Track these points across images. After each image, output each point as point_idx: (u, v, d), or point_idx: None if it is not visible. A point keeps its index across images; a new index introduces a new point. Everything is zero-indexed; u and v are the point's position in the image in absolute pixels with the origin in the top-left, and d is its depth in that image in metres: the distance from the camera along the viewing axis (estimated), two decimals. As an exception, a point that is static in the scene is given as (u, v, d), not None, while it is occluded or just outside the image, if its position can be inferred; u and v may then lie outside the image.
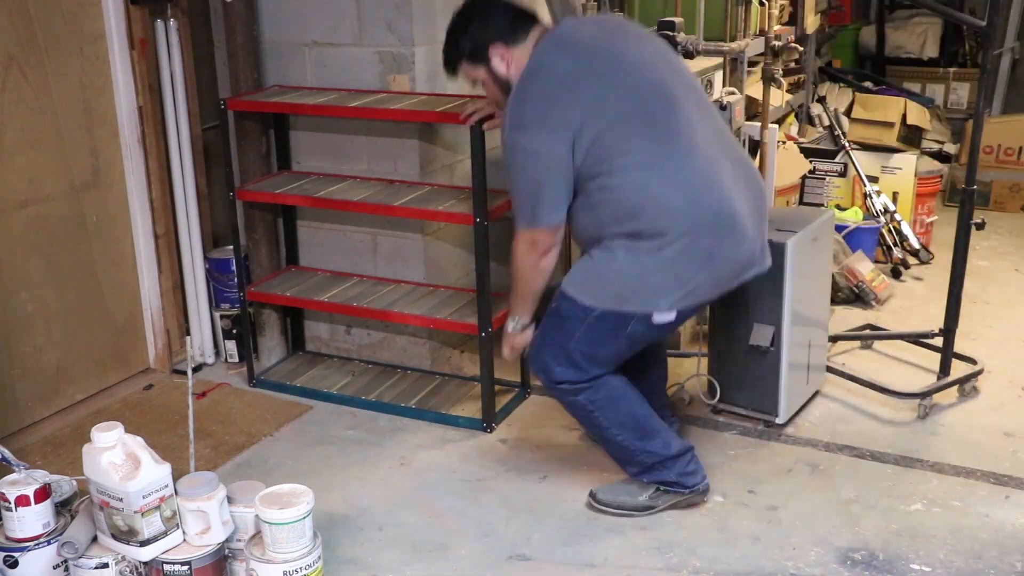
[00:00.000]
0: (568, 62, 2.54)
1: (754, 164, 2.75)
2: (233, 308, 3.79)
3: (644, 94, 2.53)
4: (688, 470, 2.80)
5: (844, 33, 7.35)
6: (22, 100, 3.19)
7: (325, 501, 2.82)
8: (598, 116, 2.48)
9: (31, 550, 2.33)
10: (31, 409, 3.35)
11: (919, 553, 2.62)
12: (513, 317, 2.82)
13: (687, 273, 2.54)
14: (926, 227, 4.99)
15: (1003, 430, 3.25)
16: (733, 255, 2.58)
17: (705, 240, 2.51)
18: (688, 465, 2.80)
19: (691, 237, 2.50)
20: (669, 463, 2.77)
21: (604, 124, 2.48)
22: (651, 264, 2.53)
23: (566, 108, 2.48)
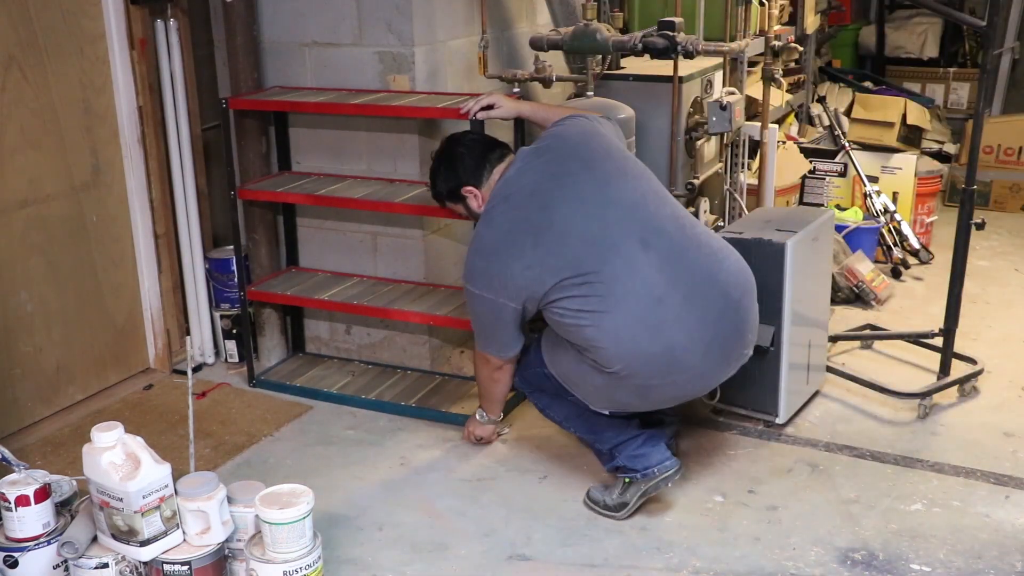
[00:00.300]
0: (507, 223, 2.71)
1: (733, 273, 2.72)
2: (233, 308, 3.79)
3: (575, 251, 2.61)
4: (637, 452, 2.78)
5: (844, 33, 7.36)
6: (22, 100, 3.19)
7: (325, 501, 2.81)
8: (533, 280, 2.64)
9: (31, 550, 2.33)
10: (31, 409, 3.35)
11: (919, 553, 2.62)
12: (480, 410, 3.13)
13: (619, 398, 2.73)
14: (926, 227, 5.00)
15: (1003, 430, 3.25)
16: (674, 388, 2.68)
17: (639, 379, 2.63)
18: (639, 448, 2.79)
19: (626, 375, 2.62)
20: (620, 448, 2.81)
21: (540, 287, 2.63)
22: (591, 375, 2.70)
23: (503, 274, 2.67)
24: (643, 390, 2.67)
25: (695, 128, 3.70)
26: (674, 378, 2.64)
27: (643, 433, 2.82)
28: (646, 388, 2.66)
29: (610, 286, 2.57)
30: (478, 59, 3.55)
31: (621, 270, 2.59)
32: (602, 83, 3.61)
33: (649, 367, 2.60)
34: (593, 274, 2.58)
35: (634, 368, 2.60)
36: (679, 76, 3.56)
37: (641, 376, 2.62)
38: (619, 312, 2.57)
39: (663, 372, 2.62)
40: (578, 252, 2.61)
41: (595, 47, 3.44)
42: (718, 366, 2.71)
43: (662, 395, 2.71)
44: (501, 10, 3.84)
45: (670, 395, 2.73)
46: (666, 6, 4.09)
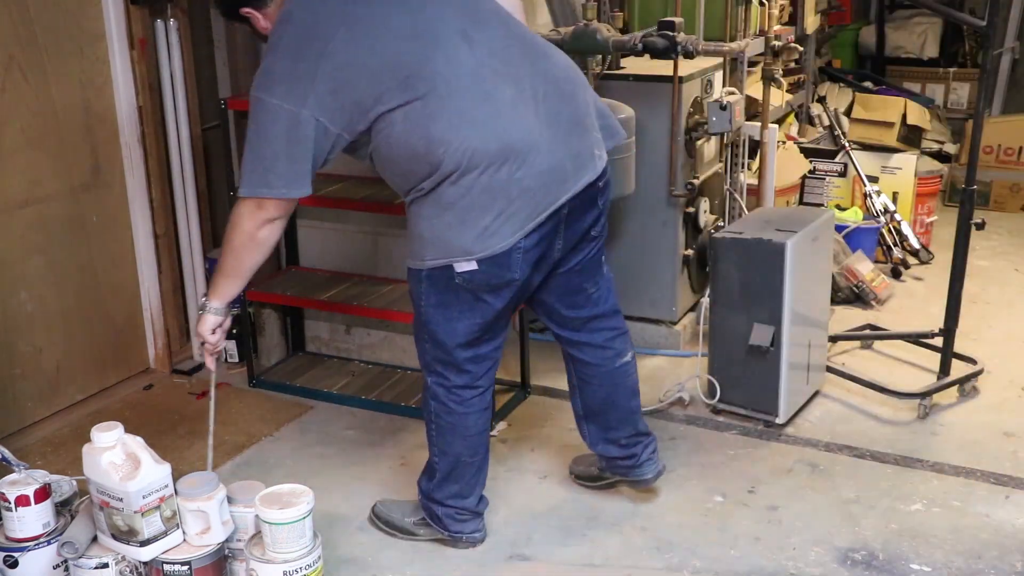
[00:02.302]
0: (310, 17, 2.30)
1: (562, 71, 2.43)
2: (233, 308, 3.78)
3: (394, 48, 2.28)
4: (459, 518, 2.66)
5: (844, 33, 7.35)
6: (22, 100, 3.19)
7: (325, 501, 2.81)
8: (345, 84, 2.27)
9: (31, 550, 2.33)
10: (31, 409, 3.35)
11: (919, 553, 2.62)
12: (207, 298, 2.54)
13: (470, 217, 2.32)
14: (926, 227, 5.00)
15: (1003, 430, 3.25)
16: (522, 188, 2.32)
17: (481, 181, 2.29)
18: (461, 515, 2.66)
19: (463, 181, 2.29)
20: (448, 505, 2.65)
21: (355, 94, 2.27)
22: (434, 213, 2.34)
23: (311, 76, 2.25)
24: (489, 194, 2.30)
25: (695, 128, 3.70)
26: (520, 172, 2.30)
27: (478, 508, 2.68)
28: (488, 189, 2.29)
29: (433, 84, 2.26)
30: (478, 59, 3.54)
31: (443, 67, 2.27)
32: (602, 83, 3.61)
33: (489, 159, 2.27)
34: (414, 76, 2.25)
35: (475, 162, 2.27)
36: (679, 76, 3.56)
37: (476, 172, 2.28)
38: (445, 114, 2.26)
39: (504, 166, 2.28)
40: (397, 48, 2.27)
41: (595, 47, 3.44)
42: (568, 160, 2.37)
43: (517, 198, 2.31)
44: (501, 10, 3.84)
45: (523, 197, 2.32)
46: (666, 6, 4.09)
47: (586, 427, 2.82)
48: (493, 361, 2.58)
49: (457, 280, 2.37)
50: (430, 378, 2.58)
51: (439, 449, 2.61)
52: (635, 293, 3.90)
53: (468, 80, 2.30)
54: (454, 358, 2.51)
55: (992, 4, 3.12)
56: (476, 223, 2.31)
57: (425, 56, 2.28)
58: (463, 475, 2.63)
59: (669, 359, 3.83)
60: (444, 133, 2.26)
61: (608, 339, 2.71)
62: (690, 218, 3.83)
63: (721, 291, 3.27)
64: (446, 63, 2.29)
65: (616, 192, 3.41)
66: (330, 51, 2.25)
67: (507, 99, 2.32)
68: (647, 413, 3.37)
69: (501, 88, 2.32)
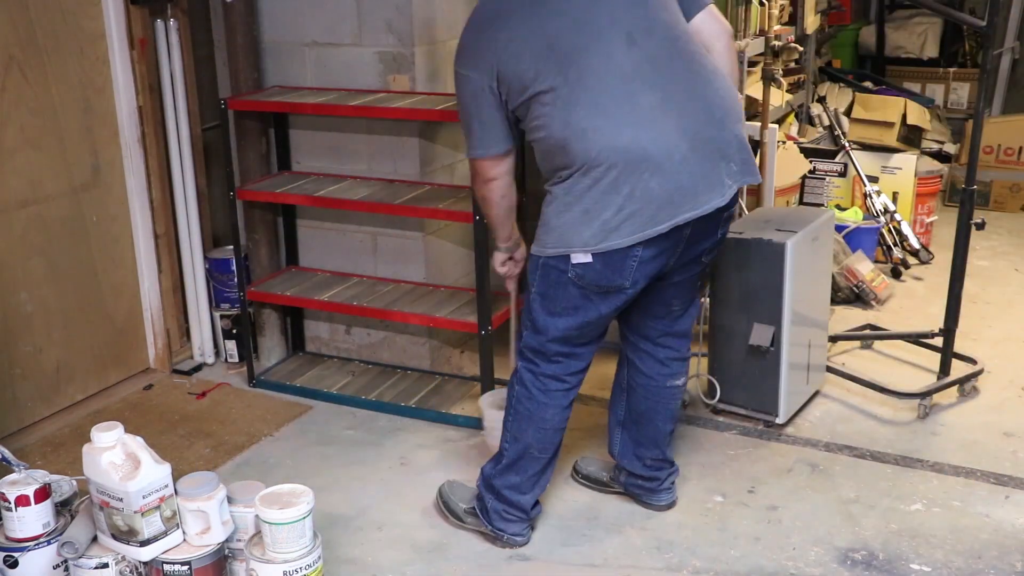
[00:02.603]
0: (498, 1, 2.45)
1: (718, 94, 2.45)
2: (233, 308, 3.79)
3: (559, 29, 2.36)
4: (508, 516, 2.68)
5: (844, 33, 7.35)
6: (22, 100, 3.19)
7: (325, 501, 2.82)
8: (513, 56, 2.38)
9: (31, 550, 2.33)
10: (31, 409, 3.35)
11: (919, 553, 2.62)
12: (495, 247, 2.82)
13: (594, 209, 2.36)
14: (926, 227, 5.00)
15: (1003, 430, 3.25)
16: (647, 192, 2.34)
17: (609, 176, 2.33)
18: (510, 514, 2.68)
19: (592, 173, 2.35)
20: (503, 497, 2.67)
21: (517, 65, 2.38)
22: (564, 203, 2.41)
23: (489, 47, 2.42)
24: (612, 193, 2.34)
25: (695, 128, 3.69)
26: (648, 178, 2.33)
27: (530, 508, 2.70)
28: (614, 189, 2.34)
29: (581, 75, 2.34)
30: (478, 59, 3.55)
31: (596, 61, 2.35)
32: (602, 83, 3.60)
33: (619, 158, 2.32)
34: (568, 63, 2.34)
35: (604, 157, 2.32)
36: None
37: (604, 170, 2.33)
38: (585, 106, 2.34)
39: (627, 167, 2.32)
40: (560, 33, 2.36)
41: (595, 47, 3.43)
42: (700, 180, 2.38)
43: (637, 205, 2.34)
44: (501, 10, 3.84)
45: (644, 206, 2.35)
46: (666, 6, 4.09)
47: (619, 436, 2.84)
48: (586, 363, 2.63)
49: (570, 274, 2.43)
50: (521, 362, 2.63)
51: (512, 435, 2.64)
52: (635, 293, 3.90)
53: (617, 80, 2.35)
54: (547, 349, 2.56)
55: (992, 4, 3.13)
56: (598, 216, 2.36)
57: (583, 47, 2.35)
58: (527, 468, 2.65)
59: (669, 359, 3.82)
60: (581, 123, 2.34)
61: (669, 357, 2.75)
62: (690, 218, 3.82)
63: (721, 291, 3.27)
64: (600, 58, 2.35)
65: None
66: (507, 26, 2.39)
67: (649, 105, 2.36)
68: (647, 413, 3.38)
69: (647, 94, 2.36)
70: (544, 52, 2.36)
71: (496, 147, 2.50)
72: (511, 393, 2.66)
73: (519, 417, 2.63)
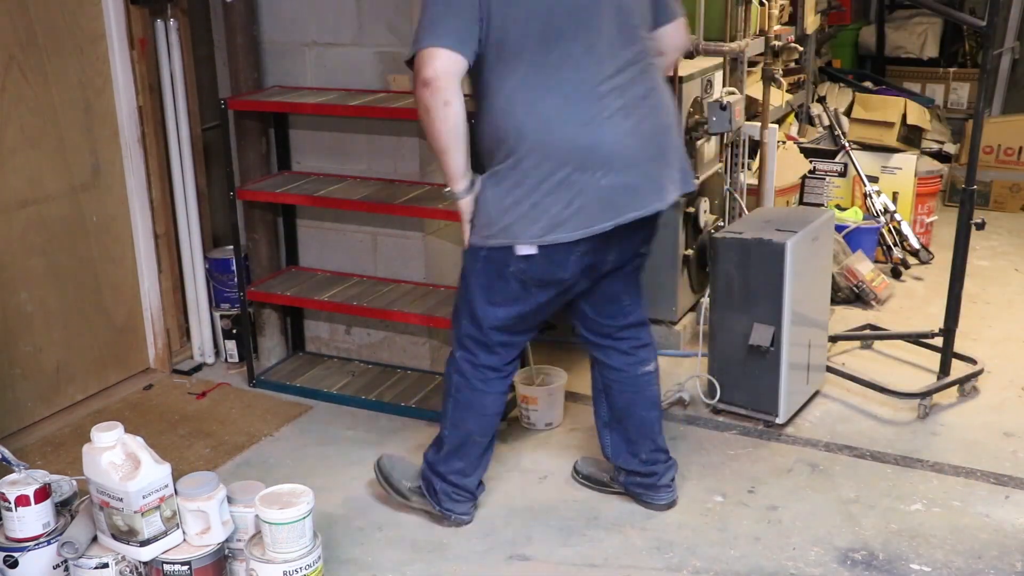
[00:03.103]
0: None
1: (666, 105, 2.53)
2: (233, 308, 3.79)
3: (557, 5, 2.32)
4: (456, 497, 2.74)
5: (844, 33, 7.35)
6: (22, 100, 3.19)
7: (325, 501, 2.82)
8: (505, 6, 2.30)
9: (31, 550, 2.33)
10: (31, 409, 3.35)
11: (919, 553, 2.62)
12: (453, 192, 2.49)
13: (544, 203, 2.35)
14: (926, 227, 5.00)
15: (1003, 430, 3.25)
16: (598, 190, 2.36)
17: (563, 171, 2.33)
18: (458, 495, 2.74)
19: (546, 166, 2.34)
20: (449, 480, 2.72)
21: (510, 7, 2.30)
22: (513, 195, 2.37)
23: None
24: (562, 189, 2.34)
25: (695, 128, 3.70)
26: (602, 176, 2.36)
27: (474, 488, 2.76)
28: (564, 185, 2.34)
29: (564, 61, 2.32)
30: (478, 59, 3.55)
31: (580, 51, 2.33)
32: (602, 83, 3.60)
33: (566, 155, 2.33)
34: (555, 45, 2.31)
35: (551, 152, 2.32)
36: (679, 76, 3.56)
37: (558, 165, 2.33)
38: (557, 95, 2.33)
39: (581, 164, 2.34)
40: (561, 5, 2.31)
41: (595, 47, 3.43)
42: (647, 183, 2.44)
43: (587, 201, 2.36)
44: (501, 10, 3.84)
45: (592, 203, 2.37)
46: (666, 6, 4.09)
47: (609, 437, 2.86)
48: (520, 349, 2.69)
49: (512, 267, 2.44)
50: (459, 352, 2.64)
51: (452, 423, 2.68)
52: (635, 293, 3.90)
53: (594, 77, 2.35)
54: (488, 339, 2.58)
55: (992, 4, 3.13)
56: (547, 210, 2.36)
57: (572, 34, 2.33)
58: (470, 453, 2.70)
59: (669, 359, 3.82)
60: (548, 111, 2.33)
61: (633, 347, 2.77)
62: (690, 218, 3.83)
63: (721, 291, 3.27)
64: (585, 50, 2.34)
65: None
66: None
67: (614, 108, 2.38)
68: (647, 413, 3.38)
69: (615, 97, 2.38)
70: (539, 16, 2.31)
71: (454, 43, 2.28)
72: (449, 382, 2.68)
73: (459, 406, 2.67)
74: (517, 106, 2.34)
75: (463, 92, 2.32)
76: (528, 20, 2.30)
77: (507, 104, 2.35)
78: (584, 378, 3.66)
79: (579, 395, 3.53)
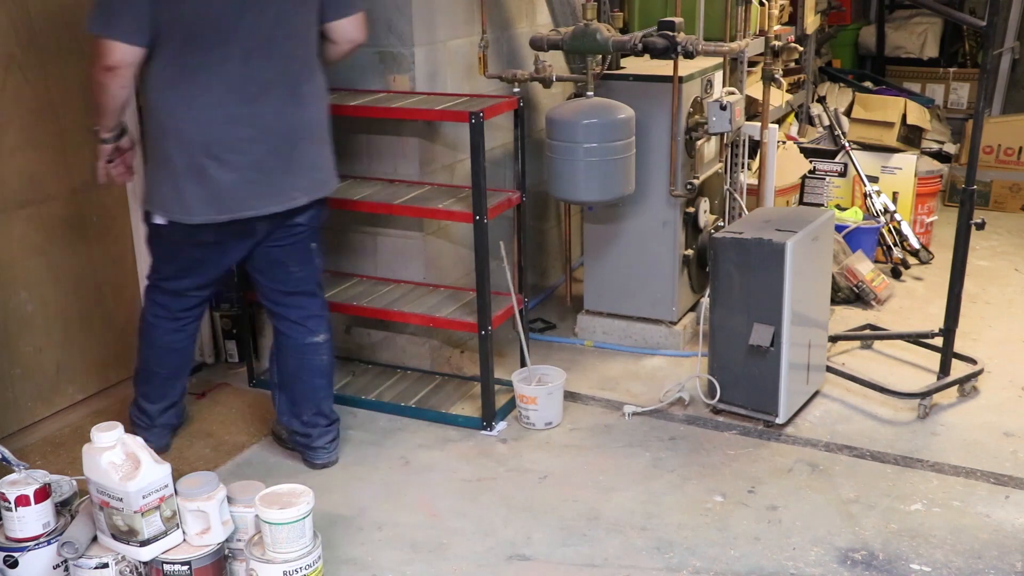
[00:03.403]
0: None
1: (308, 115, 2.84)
2: (233, 308, 3.79)
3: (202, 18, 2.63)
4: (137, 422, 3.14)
5: (844, 33, 7.36)
6: (22, 100, 3.19)
7: (325, 501, 2.82)
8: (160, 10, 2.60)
9: (31, 550, 2.33)
10: (31, 409, 3.35)
11: (919, 553, 2.62)
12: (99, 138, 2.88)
13: (182, 187, 2.73)
14: (926, 227, 5.00)
15: (1003, 430, 3.25)
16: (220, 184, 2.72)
17: (195, 163, 2.71)
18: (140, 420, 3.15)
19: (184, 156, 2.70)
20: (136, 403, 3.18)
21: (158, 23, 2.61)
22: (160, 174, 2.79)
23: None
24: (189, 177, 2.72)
25: (695, 128, 3.70)
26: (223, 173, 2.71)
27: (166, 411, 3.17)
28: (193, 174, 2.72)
29: (201, 66, 2.66)
30: (478, 59, 3.55)
31: (216, 60, 2.66)
32: (602, 83, 3.61)
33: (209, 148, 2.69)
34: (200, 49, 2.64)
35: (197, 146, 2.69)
36: (679, 76, 3.56)
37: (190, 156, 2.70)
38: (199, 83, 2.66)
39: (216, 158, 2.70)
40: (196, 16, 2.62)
41: (595, 47, 3.44)
42: (265, 188, 2.78)
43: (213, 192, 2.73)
44: (501, 10, 3.84)
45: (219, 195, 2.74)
46: (666, 6, 4.10)
47: (278, 397, 3.13)
48: (196, 299, 3.02)
49: (162, 231, 2.85)
50: (147, 285, 3.05)
51: (139, 347, 3.11)
52: (635, 293, 3.90)
53: (228, 84, 2.68)
54: (158, 282, 2.99)
55: (992, 4, 3.13)
56: (182, 193, 2.74)
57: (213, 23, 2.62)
58: (150, 380, 3.12)
59: (669, 359, 3.83)
60: (184, 110, 2.68)
61: (303, 317, 3.04)
62: (690, 218, 3.83)
63: (721, 291, 3.27)
64: (224, 42, 2.65)
65: (616, 192, 3.43)
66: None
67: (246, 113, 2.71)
68: (647, 413, 3.38)
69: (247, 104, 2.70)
70: (185, 22, 2.62)
71: (132, 36, 2.62)
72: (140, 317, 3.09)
73: (140, 333, 3.08)
74: (164, 99, 2.70)
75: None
76: (175, 24, 2.62)
77: (157, 96, 2.71)
78: (584, 378, 3.67)
79: (579, 395, 3.53)
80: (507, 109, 3.35)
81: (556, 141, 3.37)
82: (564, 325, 4.11)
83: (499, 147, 3.89)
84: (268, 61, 2.72)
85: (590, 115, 3.34)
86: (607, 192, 3.41)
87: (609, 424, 3.34)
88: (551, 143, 3.39)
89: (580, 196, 3.43)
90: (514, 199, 3.41)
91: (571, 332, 4.05)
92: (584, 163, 3.33)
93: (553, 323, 4.13)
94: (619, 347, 3.93)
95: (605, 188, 3.39)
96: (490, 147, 3.11)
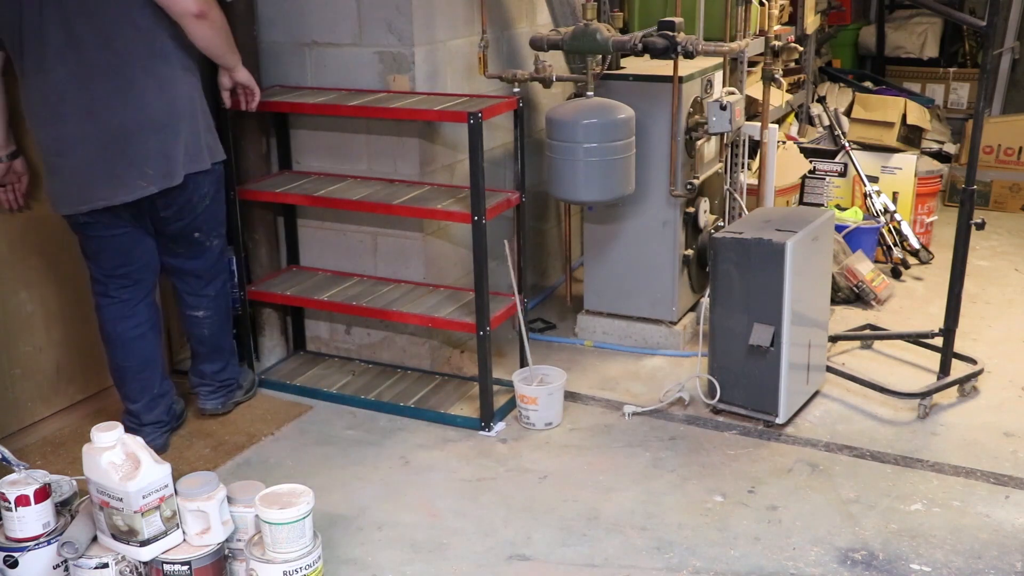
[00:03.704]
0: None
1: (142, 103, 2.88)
2: (233, 308, 3.78)
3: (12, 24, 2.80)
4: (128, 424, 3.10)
5: (844, 33, 7.36)
6: (22, 100, 3.19)
7: (325, 501, 2.82)
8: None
9: (31, 550, 2.33)
10: (31, 409, 3.35)
11: (919, 553, 2.62)
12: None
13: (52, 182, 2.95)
14: (926, 227, 5.00)
15: (1003, 430, 3.25)
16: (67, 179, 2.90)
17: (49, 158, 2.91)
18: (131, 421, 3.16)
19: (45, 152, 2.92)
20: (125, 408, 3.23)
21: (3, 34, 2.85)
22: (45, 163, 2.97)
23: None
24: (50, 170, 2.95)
25: (695, 128, 3.70)
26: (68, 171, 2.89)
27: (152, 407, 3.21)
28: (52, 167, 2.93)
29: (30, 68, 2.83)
30: (478, 59, 3.55)
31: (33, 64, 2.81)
32: (602, 83, 3.61)
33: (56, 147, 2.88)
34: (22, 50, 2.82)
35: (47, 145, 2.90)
36: (679, 76, 3.56)
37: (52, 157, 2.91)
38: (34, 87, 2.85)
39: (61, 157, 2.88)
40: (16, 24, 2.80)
41: (595, 47, 3.44)
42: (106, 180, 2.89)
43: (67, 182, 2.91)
44: (501, 10, 3.84)
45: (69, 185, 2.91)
46: (666, 6, 4.10)
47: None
48: (130, 280, 3.12)
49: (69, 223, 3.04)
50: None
51: (104, 346, 3.20)
52: (635, 293, 3.90)
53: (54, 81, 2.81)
54: (88, 267, 3.13)
55: (992, 4, 3.12)
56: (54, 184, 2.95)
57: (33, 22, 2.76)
58: (123, 377, 3.18)
59: (669, 359, 3.83)
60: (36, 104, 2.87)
61: (186, 291, 3.29)
62: (690, 218, 3.83)
63: (721, 291, 3.27)
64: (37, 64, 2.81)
65: (616, 192, 3.43)
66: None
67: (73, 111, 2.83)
68: (647, 413, 3.38)
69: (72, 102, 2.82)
70: (11, 30, 2.80)
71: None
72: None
73: (100, 331, 3.17)
74: (24, 103, 2.93)
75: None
76: (7, 33, 2.83)
77: (22, 94, 2.92)
78: (584, 378, 3.67)
79: (579, 395, 3.53)
80: (506, 109, 3.35)
81: (556, 141, 3.37)
82: (564, 325, 4.11)
83: (499, 147, 3.89)
84: (85, 57, 2.81)
85: (590, 115, 3.34)
86: (607, 192, 3.41)
87: (609, 424, 3.34)
88: (551, 143, 3.39)
89: (580, 196, 3.43)
90: (513, 199, 3.41)
91: (571, 332, 4.05)
92: (584, 163, 3.33)
93: (553, 323, 4.13)
94: (619, 347, 3.93)
95: (605, 188, 3.39)
96: (490, 147, 3.11)
